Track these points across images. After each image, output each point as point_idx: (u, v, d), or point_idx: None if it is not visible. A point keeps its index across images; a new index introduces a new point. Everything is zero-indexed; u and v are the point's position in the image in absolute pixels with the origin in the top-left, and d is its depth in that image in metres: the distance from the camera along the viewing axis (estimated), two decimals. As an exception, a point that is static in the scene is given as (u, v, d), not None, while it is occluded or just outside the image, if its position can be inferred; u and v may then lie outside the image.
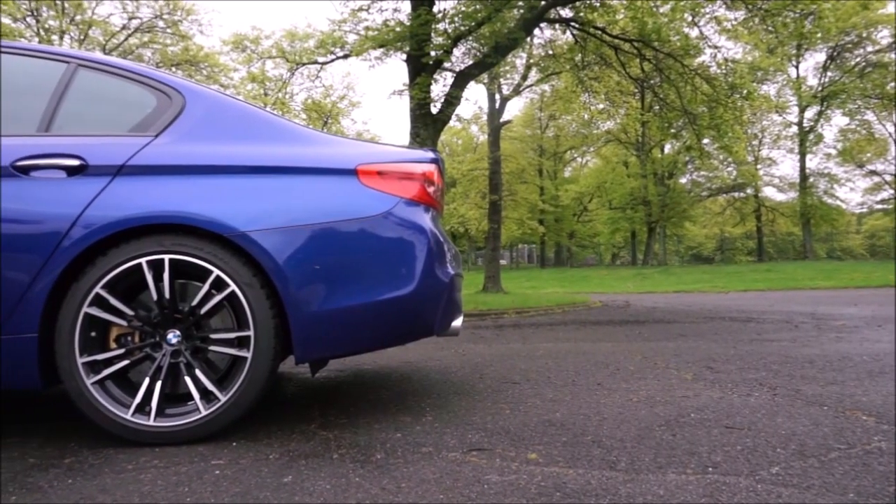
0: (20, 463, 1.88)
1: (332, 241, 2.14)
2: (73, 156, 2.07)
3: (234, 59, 20.42)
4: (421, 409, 2.56)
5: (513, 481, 1.68)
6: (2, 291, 1.97)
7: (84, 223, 2.00)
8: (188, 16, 23.50)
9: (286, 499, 1.56)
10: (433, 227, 2.32)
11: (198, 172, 2.12)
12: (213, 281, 2.05)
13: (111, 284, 2.02)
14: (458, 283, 2.55)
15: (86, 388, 2.00)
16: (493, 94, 17.15)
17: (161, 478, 1.73)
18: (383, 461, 1.87)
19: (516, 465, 1.82)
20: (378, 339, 2.30)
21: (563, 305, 10.43)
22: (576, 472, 1.75)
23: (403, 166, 2.31)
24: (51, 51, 2.39)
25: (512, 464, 1.83)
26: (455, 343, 5.09)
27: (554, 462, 1.85)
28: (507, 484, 1.66)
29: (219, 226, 2.04)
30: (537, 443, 2.06)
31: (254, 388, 2.06)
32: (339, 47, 13.32)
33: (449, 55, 10.49)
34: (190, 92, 2.31)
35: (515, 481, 1.68)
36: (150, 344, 2.08)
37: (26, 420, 2.48)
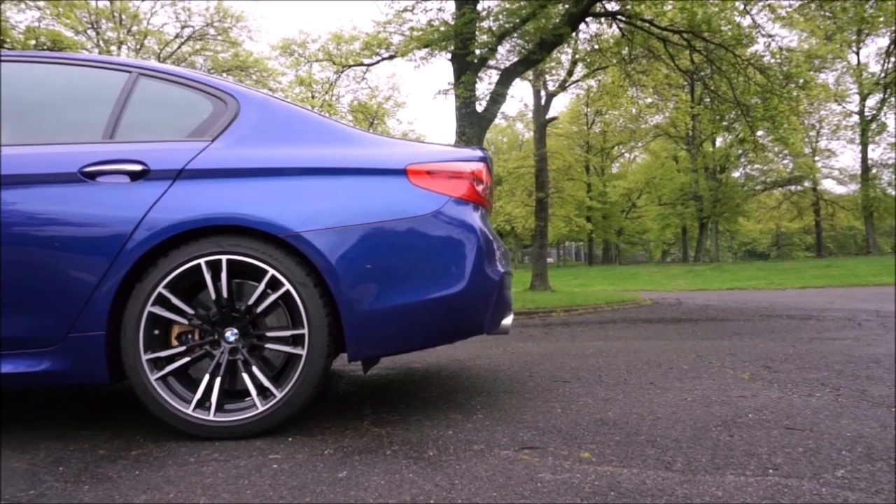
0: (91, 454, 1.98)
1: (383, 240, 2.17)
2: (136, 161, 2.16)
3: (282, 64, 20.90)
4: (471, 407, 2.57)
5: (566, 480, 1.67)
6: (73, 291, 2.06)
7: (147, 226, 2.08)
8: (238, 23, 24.16)
9: (342, 493, 1.59)
10: (482, 226, 2.32)
11: (253, 175, 2.18)
12: (268, 280, 2.11)
13: (173, 284, 2.10)
14: (507, 282, 2.55)
15: (150, 383, 2.08)
16: (538, 90, 17.01)
17: (222, 471, 1.79)
18: (436, 458, 1.88)
19: (569, 464, 1.81)
20: (429, 337, 2.32)
21: (613, 303, 10.27)
22: (630, 472, 1.73)
23: (452, 165, 2.32)
24: (113, 61, 2.50)
25: (565, 462, 1.82)
26: (503, 341, 5.08)
27: (607, 461, 1.83)
28: (561, 482, 1.65)
29: (273, 227, 2.09)
30: (590, 442, 2.04)
31: (308, 385, 2.11)
32: (384, 48, 13.46)
33: (494, 53, 10.48)
34: (243, 97, 2.38)
35: (569, 480, 1.67)
36: (209, 341, 2.15)
37: (96, 413, 2.59)
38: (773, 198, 39.21)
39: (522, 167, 25.08)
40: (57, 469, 1.83)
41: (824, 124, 34.06)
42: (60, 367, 2.08)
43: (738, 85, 11.41)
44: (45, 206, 2.11)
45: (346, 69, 15.52)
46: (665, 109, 16.59)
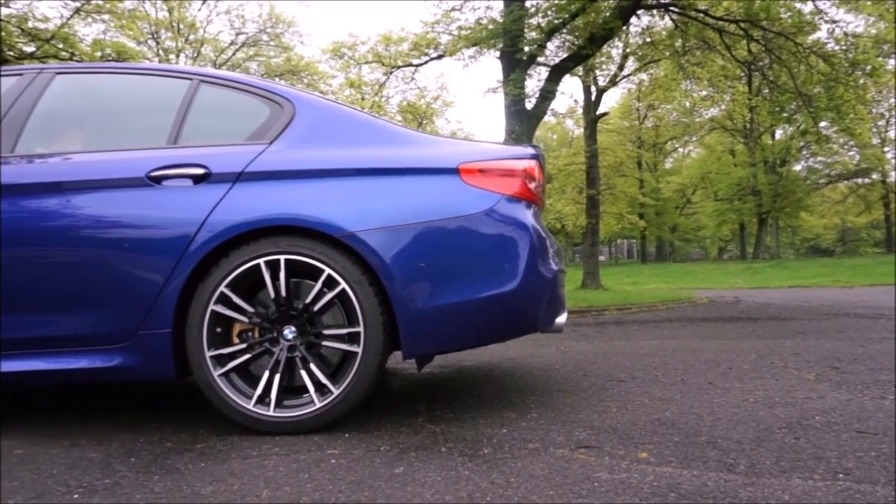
0: (160, 446, 2.06)
1: (437, 239, 2.18)
2: (199, 165, 2.23)
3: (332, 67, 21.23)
4: (525, 406, 2.56)
5: (624, 480, 1.65)
6: (142, 291, 2.16)
7: (209, 227, 2.16)
8: (289, 27, 24.68)
9: (399, 489, 1.62)
10: (535, 223, 2.31)
11: (309, 176, 2.23)
12: (324, 279, 2.15)
13: (233, 284, 2.16)
14: (561, 279, 2.53)
15: (213, 379, 2.16)
16: (588, 86, 16.77)
17: (283, 464, 1.84)
18: (491, 456, 1.89)
19: (626, 464, 1.78)
20: (482, 335, 2.32)
21: (668, 302, 10.04)
22: (690, 473, 1.69)
23: (504, 163, 2.32)
24: (176, 69, 2.60)
25: (622, 462, 1.80)
26: (556, 340, 5.04)
27: (666, 462, 1.79)
28: (618, 482, 1.63)
29: (329, 227, 2.14)
30: (647, 442, 2.00)
31: (364, 382, 2.14)
32: (432, 48, 13.54)
33: (543, 49, 10.38)
34: (299, 100, 2.43)
35: (626, 480, 1.65)
36: (268, 339, 2.21)
37: (162, 408, 2.70)
38: (838, 191, 37.49)
39: (573, 164, 24.74)
40: (129, 460, 1.92)
41: (894, 113, 32.33)
42: (131, 363, 2.18)
43: (800, 74, 10.97)
44: (116, 210, 2.21)
45: (395, 70, 15.66)
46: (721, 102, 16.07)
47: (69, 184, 2.25)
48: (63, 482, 1.72)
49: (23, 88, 2.47)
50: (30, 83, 2.49)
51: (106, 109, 2.63)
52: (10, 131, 2.37)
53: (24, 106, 2.42)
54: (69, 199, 2.25)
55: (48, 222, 2.22)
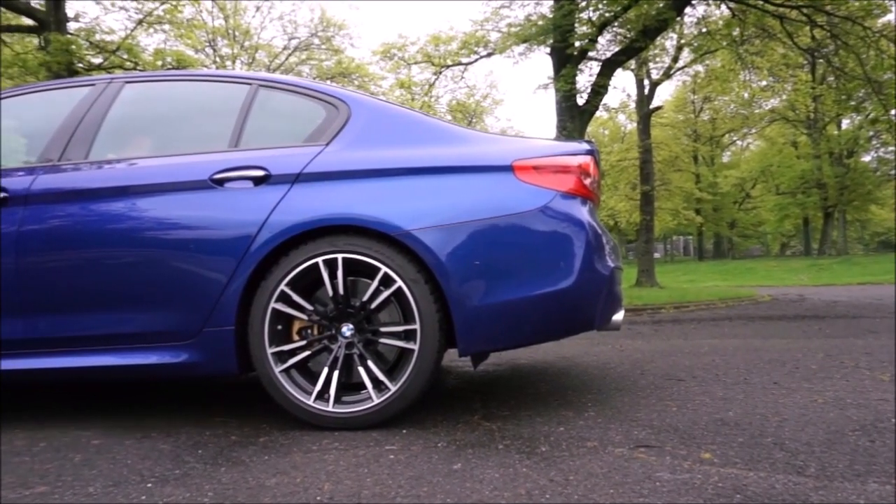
0: (225, 439, 2.14)
1: (491, 236, 2.19)
2: (258, 167, 2.30)
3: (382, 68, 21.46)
4: (582, 404, 2.53)
5: (686, 480, 1.61)
6: (207, 289, 2.23)
7: (269, 227, 2.22)
8: (340, 31, 25.06)
9: (458, 485, 1.63)
10: (591, 220, 2.29)
11: (364, 176, 2.27)
12: (381, 278, 2.18)
13: (293, 282, 2.22)
14: (617, 276, 2.49)
15: (275, 375, 2.22)
16: (641, 79, 16.43)
17: (343, 459, 1.87)
18: (549, 454, 1.87)
19: (689, 464, 1.74)
20: (538, 332, 2.31)
21: (727, 300, 9.74)
22: (757, 475, 1.64)
23: (559, 159, 2.30)
24: (236, 75, 2.68)
25: (684, 462, 1.76)
26: (612, 338, 4.96)
27: (731, 463, 1.74)
28: (681, 483, 1.59)
29: (385, 225, 2.17)
30: (710, 442, 1.95)
31: (421, 379, 2.16)
32: (481, 46, 13.52)
33: (594, 44, 10.23)
34: (354, 101, 2.47)
35: (689, 480, 1.61)
36: (327, 336, 2.26)
37: (225, 403, 2.79)
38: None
39: (625, 160, 24.28)
40: (197, 452, 1.99)
41: (973, 98, 30.40)
42: (197, 359, 2.26)
43: (869, 60, 10.44)
44: (182, 212, 2.30)
45: (444, 69, 15.72)
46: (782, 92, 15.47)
47: (137, 188, 2.36)
48: (137, 472, 1.80)
49: (95, 98, 2.59)
50: (101, 93, 2.61)
51: (171, 115, 2.74)
52: (84, 139, 2.49)
53: (97, 114, 2.55)
54: (136, 202, 2.35)
55: (118, 224, 2.32)
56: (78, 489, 1.67)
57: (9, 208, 2.36)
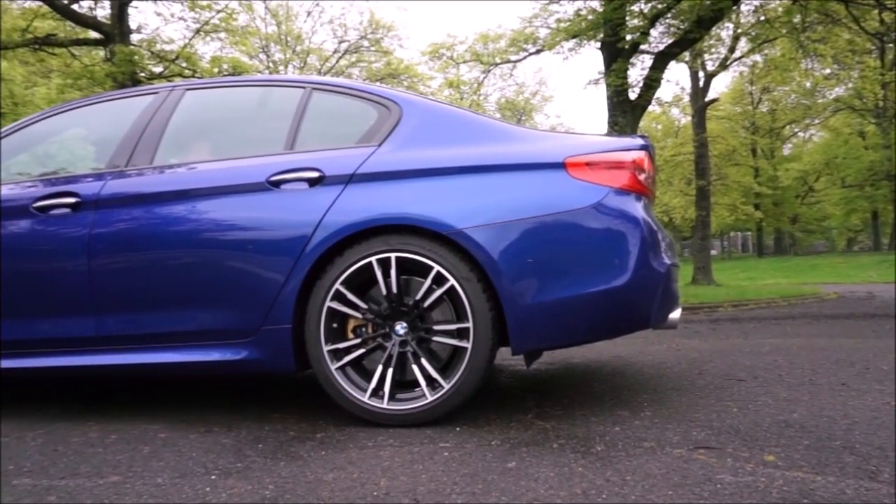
0: (283, 435, 2.19)
1: (544, 234, 2.17)
2: (313, 168, 2.35)
3: (431, 68, 21.57)
4: (638, 404, 2.49)
5: (749, 483, 1.57)
6: (265, 289, 2.30)
7: (324, 228, 2.26)
8: (389, 32, 25.31)
9: (512, 483, 1.62)
10: (646, 216, 2.24)
11: (417, 176, 2.29)
12: (433, 276, 2.20)
13: (348, 281, 2.26)
14: (674, 274, 2.44)
15: (331, 372, 2.26)
16: (695, 71, 16.00)
17: (398, 455, 1.90)
18: (604, 453, 1.85)
19: (751, 467, 1.69)
20: (592, 330, 2.29)
21: (789, 297, 9.39)
22: (825, 480, 1.57)
23: (612, 155, 2.27)
24: (290, 79, 2.75)
25: (746, 465, 1.71)
26: (667, 337, 4.85)
27: (796, 466, 1.68)
28: (744, 485, 1.55)
29: (438, 224, 2.18)
30: (773, 444, 1.89)
31: (474, 377, 2.17)
32: (530, 43, 13.42)
33: (646, 37, 10.01)
34: (405, 102, 2.50)
35: (752, 483, 1.56)
36: (381, 334, 2.29)
37: (283, 399, 2.87)
38: None
39: (680, 154, 23.71)
40: (257, 446, 2.05)
41: None
42: (256, 356, 2.33)
43: (943, 44, 9.86)
44: (240, 214, 2.37)
45: (493, 68, 15.68)
46: (848, 80, 14.78)
47: (198, 191, 2.44)
48: (201, 464, 1.87)
49: (158, 105, 2.70)
50: (164, 100, 2.72)
51: (229, 120, 2.83)
52: (149, 145, 2.60)
53: (160, 121, 2.65)
54: (196, 205, 2.43)
55: (180, 226, 2.41)
56: (147, 479, 1.75)
57: (81, 212, 2.48)
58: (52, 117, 2.90)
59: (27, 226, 2.54)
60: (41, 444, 2.15)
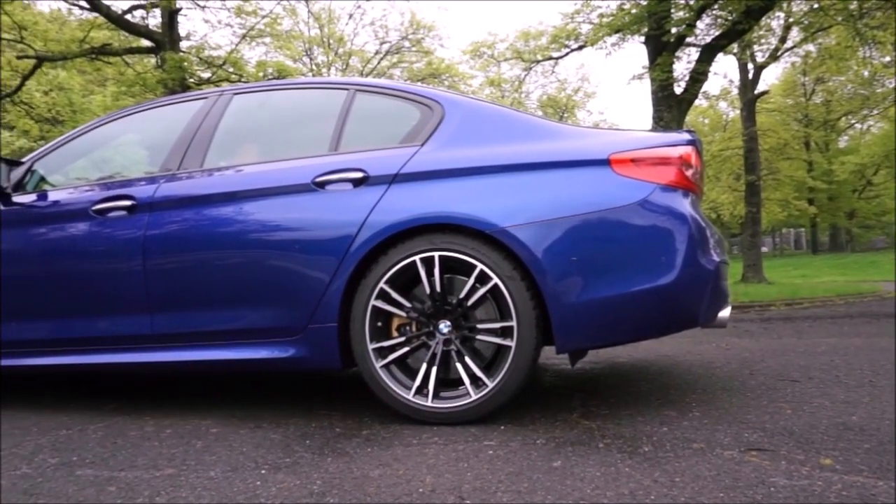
0: (330, 431, 2.23)
1: (589, 232, 2.15)
2: (357, 169, 2.38)
3: (472, 67, 21.56)
4: (686, 404, 2.44)
5: (805, 487, 1.52)
6: (312, 288, 2.34)
7: (368, 227, 2.29)
8: (429, 32, 25.39)
9: (558, 482, 1.61)
10: (693, 213, 2.20)
11: (460, 175, 2.29)
12: (477, 275, 2.20)
13: (392, 280, 2.28)
14: (724, 271, 2.38)
15: (376, 370, 2.29)
16: (744, 63, 15.55)
17: (443, 453, 1.91)
18: (651, 454, 1.82)
19: (807, 470, 1.64)
20: (638, 329, 2.25)
21: (846, 296, 9.04)
22: (888, 485, 1.51)
23: (658, 151, 2.22)
24: (334, 81, 2.79)
25: (802, 468, 1.65)
26: (716, 337, 4.73)
27: (856, 471, 1.62)
28: (799, 489, 1.50)
29: (480, 223, 2.18)
30: (831, 448, 1.83)
31: (518, 376, 2.16)
32: (572, 39, 13.27)
33: (692, 29, 9.78)
34: (447, 101, 2.51)
35: (808, 487, 1.51)
36: (425, 333, 2.30)
37: (330, 396, 2.91)
38: None
39: (728, 149, 23.06)
40: (305, 442, 2.09)
41: None
42: (303, 354, 2.38)
43: None
44: (287, 214, 2.42)
45: (534, 65, 15.56)
46: (909, 68, 14.09)
47: (245, 192, 2.49)
48: (252, 459, 1.92)
49: (208, 110, 2.78)
50: (213, 105, 2.80)
51: (276, 123, 2.89)
52: (200, 148, 2.68)
53: (210, 125, 2.73)
54: (243, 206, 2.49)
55: (228, 227, 2.47)
56: (201, 473, 1.80)
57: (136, 215, 2.57)
58: (108, 124, 3.02)
59: (86, 228, 2.65)
60: (101, 436, 2.24)
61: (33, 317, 2.72)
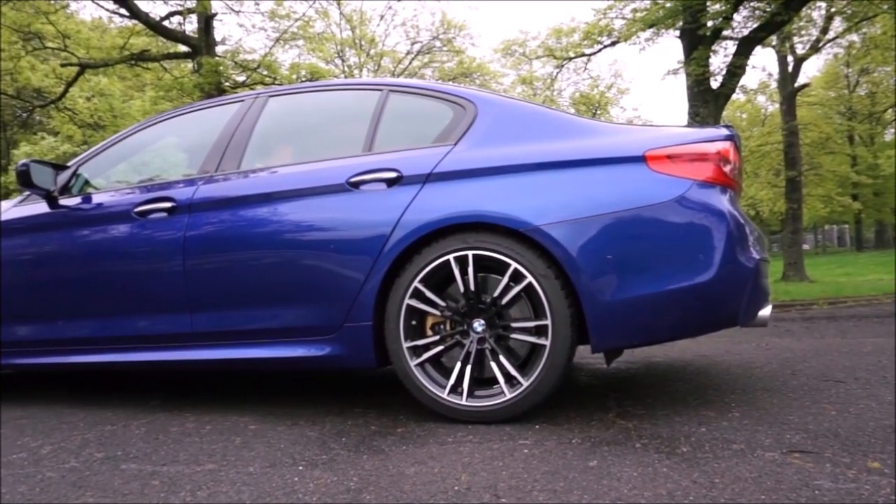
0: (365, 429, 2.25)
1: (624, 230, 2.12)
2: (391, 169, 2.40)
3: (503, 65, 21.48)
4: (725, 405, 2.39)
5: (851, 490, 1.48)
6: (347, 287, 2.36)
7: (402, 227, 2.30)
8: (460, 31, 25.39)
9: (594, 481, 1.60)
10: (732, 209, 2.15)
11: (493, 173, 2.29)
12: (511, 273, 2.19)
13: (426, 279, 2.29)
14: (764, 269, 2.33)
15: (410, 369, 2.30)
16: (784, 56, 15.15)
17: (478, 452, 1.91)
18: (690, 454, 1.79)
19: (853, 473, 1.59)
20: (676, 328, 2.22)
21: (893, 294, 8.72)
22: (939, 488, 1.46)
23: (695, 147, 2.19)
24: (367, 82, 2.81)
25: (848, 471, 1.61)
26: (755, 336, 4.63)
27: (905, 474, 1.57)
28: (845, 493, 1.46)
29: (514, 222, 2.17)
30: (879, 451, 1.77)
31: (553, 375, 2.15)
32: (605, 35, 13.13)
33: (729, 22, 9.56)
34: (480, 100, 2.50)
35: (855, 491, 1.47)
36: (459, 332, 2.31)
37: (365, 394, 2.94)
38: None
39: (767, 144, 22.49)
40: (341, 440, 2.12)
41: None
42: (339, 353, 2.40)
43: None
44: (322, 215, 2.45)
45: (566, 62, 15.43)
46: (959, 57, 13.54)
47: (281, 193, 2.53)
48: (289, 455, 1.95)
49: (244, 112, 2.83)
50: (249, 107, 2.85)
51: (311, 124, 2.93)
52: (237, 150, 2.73)
53: (247, 127, 2.78)
54: (279, 207, 2.53)
55: (265, 228, 2.52)
56: (240, 468, 1.84)
57: (176, 216, 2.64)
58: (148, 128, 3.10)
59: (129, 229, 2.72)
60: (144, 432, 2.30)
61: (79, 316, 2.81)
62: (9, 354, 2.94)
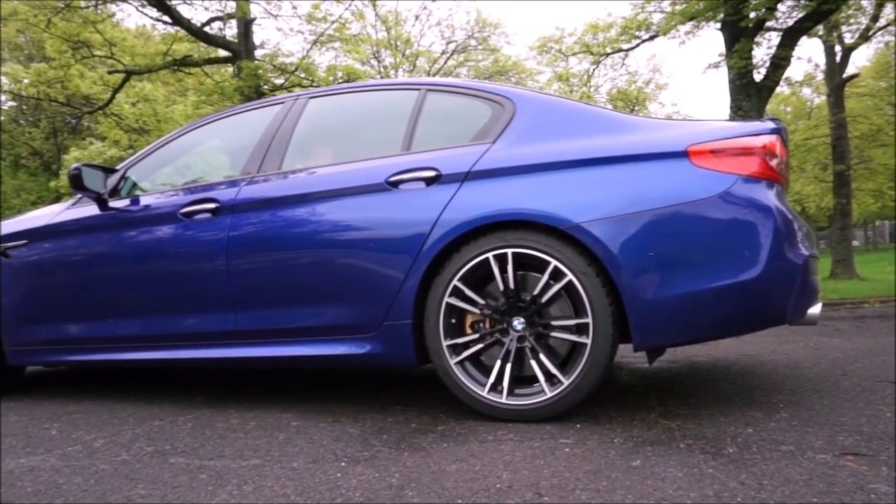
0: (406, 426, 2.27)
1: (666, 226, 2.09)
2: (430, 168, 2.40)
3: (539, 62, 21.32)
4: (773, 405, 2.33)
5: (909, 494, 1.42)
6: (387, 285, 2.38)
7: (441, 225, 2.31)
8: (495, 30, 25.31)
9: (638, 481, 1.58)
10: (778, 204, 2.10)
11: (532, 171, 2.28)
12: (551, 271, 2.18)
13: (465, 277, 2.29)
14: (813, 265, 2.26)
15: (450, 367, 2.31)
16: (831, 46, 14.66)
17: (518, 450, 1.90)
18: (737, 455, 1.75)
19: (911, 477, 1.53)
20: (720, 326, 2.17)
21: (950, 292, 8.36)
22: None
23: (740, 141, 2.13)
24: (405, 82, 2.83)
25: (905, 474, 1.55)
26: (802, 335, 4.49)
27: (967, 478, 1.51)
28: (902, 496, 1.41)
29: (554, 219, 2.16)
30: (938, 453, 1.70)
31: (594, 373, 2.13)
32: (643, 30, 12.91)
33: (772, 12, 9.29)
34: (519, 98, 2.49)
35: (913, 495, 1.42)
36: (499, 330, 2.30)
37: (405, 392, 2.96)
38: None
39: (813, 138, 21.82)
40: (382, 437, 2.14)
41: None
42: (379, 351, 2.42)
43: None
44: (362, 214, 2.47)
45: (603, 58, 15.23)
46: None
47: (321, 193, 2.56)
48: (332, 451, 1.98)
49: (285, 114, 2.88)
50: (289, 109, 2.89)
51: (350, 125, 2.96)
52: (278, 152, 2.78)
53: (287, 129, 2.83)
54: (318, 206, 2.56)
55: (306, 227, 2.55)
56: (284, 464, 1.87)
57: (220, 217, 2.70)
58: (192, 132, 3.18)
59: (174, 230, 2.80)
60: (191, 427, 2.36)
61: (128, 315, 2.90)
62: (63, 351, 3.06)
